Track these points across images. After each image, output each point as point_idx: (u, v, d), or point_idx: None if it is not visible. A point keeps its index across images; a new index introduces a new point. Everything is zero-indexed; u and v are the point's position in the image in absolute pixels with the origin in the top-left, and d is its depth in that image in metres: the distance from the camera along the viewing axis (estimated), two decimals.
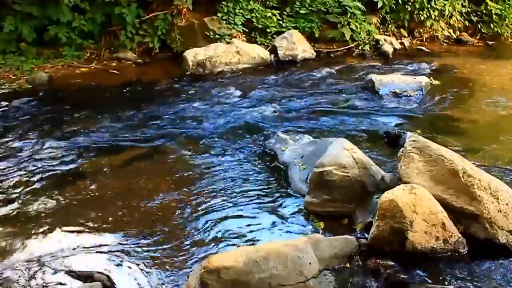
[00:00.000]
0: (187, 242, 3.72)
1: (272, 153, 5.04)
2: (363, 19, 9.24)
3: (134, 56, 8.32)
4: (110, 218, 4.01)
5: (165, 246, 3.67)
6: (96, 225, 3.92)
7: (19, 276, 3.36)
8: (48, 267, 3.44)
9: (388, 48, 9.11)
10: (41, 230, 3.85)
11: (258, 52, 8.24)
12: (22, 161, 4.92)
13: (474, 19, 10.44)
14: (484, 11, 10.37)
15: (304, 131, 5.55)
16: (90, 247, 3.66)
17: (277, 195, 4.34)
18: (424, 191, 3.51)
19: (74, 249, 3.63)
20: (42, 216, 4.03)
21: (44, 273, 3.38)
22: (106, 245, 3.68)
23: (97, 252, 3.60)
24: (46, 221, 3.96)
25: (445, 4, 9.80)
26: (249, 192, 4.37)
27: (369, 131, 5.62)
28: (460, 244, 3.47)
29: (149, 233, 3.81)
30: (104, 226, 3.91)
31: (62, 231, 3.85)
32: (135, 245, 3.68)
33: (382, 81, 6.94)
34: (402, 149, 4.00)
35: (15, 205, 4.18)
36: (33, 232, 3.83)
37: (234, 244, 3.67)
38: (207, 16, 8.73)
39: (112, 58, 8.28)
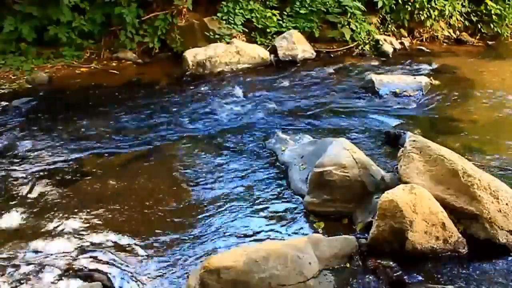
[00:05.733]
0: (187, 242, 3.72)
1: (272, 153, 5.04)
2: (363, 19, 9.22)
3: (134, 56, 8.31)
4: (110, 218, 4.01)
5: (165, 246, 3.68)
6: (96, 225, 3.92)
7: (19, 276, 3.36)
8: (48, 267, 3.44)
9: (388, 48, 9.09)
10: (40, 230, 3.85)
11: (258, 52, 8.22)
12: (22, 161, 4.93)
13: (474, 19, 10.41)
14: (484, 11, 10.35)
15: (304, 131, 5.55)
16: (90, 247, 3.67)
17: (277, 195, 4.34)
18: (424, 191, 3.51)
19: (74, 249, 3.63)
20: (42, 216, 4.03)
21: (44, 273, 3.38)
22: (106, 245, 3.69)
23: (97, 252, 3.61)
24: (45, 221, 3.96)
25: (445, 4, 9.78)
26: (249, 192, 4.37)
27: (369, 131, 5.61)
28: (460, 244, 3.47)
29: (149, 233, 3.82)
30: (104, 226, 3.91)
31: (62, 231, 3.85)
32: (136, 245, 3.68)
33: (382, 81, 6.93)
34: (402, 149, 4.00)
35: (14, 204, 4.19)
36: (33, 232, 3.83)
37: (234, 244, 3.67)
38: (207, 16, 8.73)
39: (112, 58, 8.27)
